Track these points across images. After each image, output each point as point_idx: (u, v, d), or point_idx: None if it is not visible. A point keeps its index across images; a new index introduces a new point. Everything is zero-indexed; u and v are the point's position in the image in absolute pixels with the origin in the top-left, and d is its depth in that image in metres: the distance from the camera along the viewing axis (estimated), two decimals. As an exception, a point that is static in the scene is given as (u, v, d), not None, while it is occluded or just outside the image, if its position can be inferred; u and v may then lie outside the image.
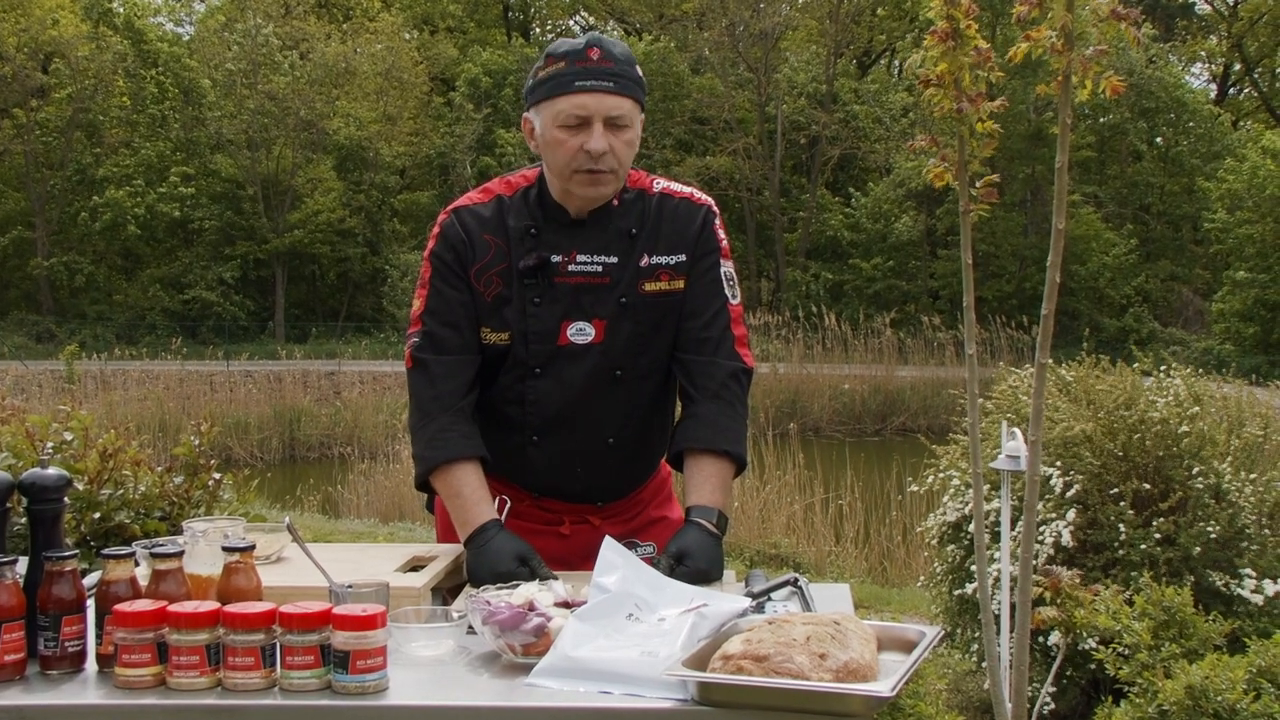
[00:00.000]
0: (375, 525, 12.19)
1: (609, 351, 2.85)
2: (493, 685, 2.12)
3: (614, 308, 2.84)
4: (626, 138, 2.77)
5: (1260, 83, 46.00)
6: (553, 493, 2.98)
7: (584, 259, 2.83)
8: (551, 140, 2.77)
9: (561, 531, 2.96)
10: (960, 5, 2.90)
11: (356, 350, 33.02)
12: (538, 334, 2.83)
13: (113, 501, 3.99)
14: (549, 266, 2.82)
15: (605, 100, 2.73)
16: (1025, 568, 3.14)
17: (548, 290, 2.82)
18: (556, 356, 2.84)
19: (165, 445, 16.23)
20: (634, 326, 2.85)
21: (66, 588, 2.15)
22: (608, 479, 2.99)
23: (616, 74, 2.74)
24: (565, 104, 2.73)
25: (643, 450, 3.02)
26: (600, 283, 2.83)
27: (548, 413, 2.88)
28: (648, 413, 2.97)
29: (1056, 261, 2.97)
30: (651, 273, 2.86)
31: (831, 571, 9.53)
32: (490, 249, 2.84)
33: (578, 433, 2.90)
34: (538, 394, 2.87)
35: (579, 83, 2.72)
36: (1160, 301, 36.06)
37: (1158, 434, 5.45)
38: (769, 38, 38.82)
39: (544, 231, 2.84)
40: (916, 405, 25.17)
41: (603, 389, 2.87)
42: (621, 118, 2.75)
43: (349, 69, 39.25)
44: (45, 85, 37.69)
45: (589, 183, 2.76)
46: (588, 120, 2.73)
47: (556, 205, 2.85)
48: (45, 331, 35.53)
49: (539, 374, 2.86)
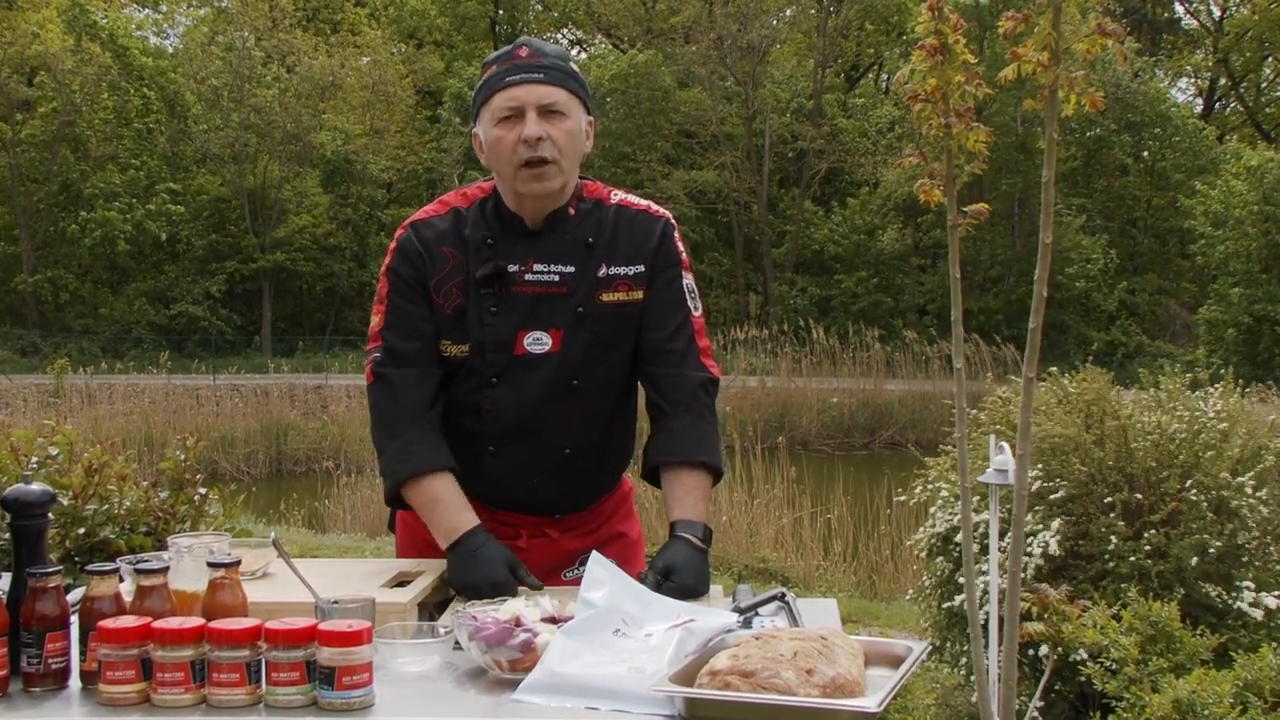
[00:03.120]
0: (362, 540, 12.15)
1: (566, 362, 2.84)
2: (479, 701, 2.11)
3: (571, 317, 2.83)
4: (565, 126, 2.78)
5: (1246, 97, 46.25)
6: (509, 505, 2.96)
7: (540, 268, 2.83)
8: (492, 140, 2.80)
9: (519, 545, 2.92)
10: (949, 20, 2.91)
11: (343, 364, 32.91)
12: (494, 343, 2.83)
13: (98, 517, 3.98)
14: (505, 276, 2.82)
15: (535, 90, 2.76)
16: (1014, 581, 3.13)
17: (504, 300, 2.82)
18: (513, 366, 2.84)
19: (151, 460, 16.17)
20: (591, 337, 2.85)
21: (50, 604, 2.13)
22: (565, 490, 2.97)
23: (547, 67, 2.79)
24: (498, 99, 2.78)
25: (602, 461, 3.01)
26: (557, 292, 2.83)
27: (504, 422, 2.87)
28: (606, 424, 2.96)
29: (1044, 276, 2.97)
30: (609, 283, 2.86)
31: (819, 586, 9.53)
32: (449, 261, 2.84)
33: (535, 443, 2.89)
34: (494, 404, 2.86)
35: (509, 78, 2.78)
36: (1148, 315, 36.18)
37: (1154, 443, 5.46)
38: (757, 52, 38.92)
39: (501, 242, 2.84)
40: (905, 419, 25.20)
41: (560, 399, 2.86)
42: (555, 104, 2.77)
43: (335, 82, 39.26)
44: (30, 99, 37.59)
45: (532, 177, 2.77)
46: (520, 110, 2.76)
47: (513, 215, 2.85)
48: (30, 345, 35.41)
49: (495, 383, 2.85)
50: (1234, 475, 5.45)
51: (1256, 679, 3.46)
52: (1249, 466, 5.54)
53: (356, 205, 39.64)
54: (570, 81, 2.81)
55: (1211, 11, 45.76)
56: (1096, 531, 5.31)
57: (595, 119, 2.93)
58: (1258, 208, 29.31)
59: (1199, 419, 5.59)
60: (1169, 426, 5.49)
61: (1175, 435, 5.46)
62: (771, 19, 40.13)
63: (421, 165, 41.07)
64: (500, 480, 2.93)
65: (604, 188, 2.97)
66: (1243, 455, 5.61)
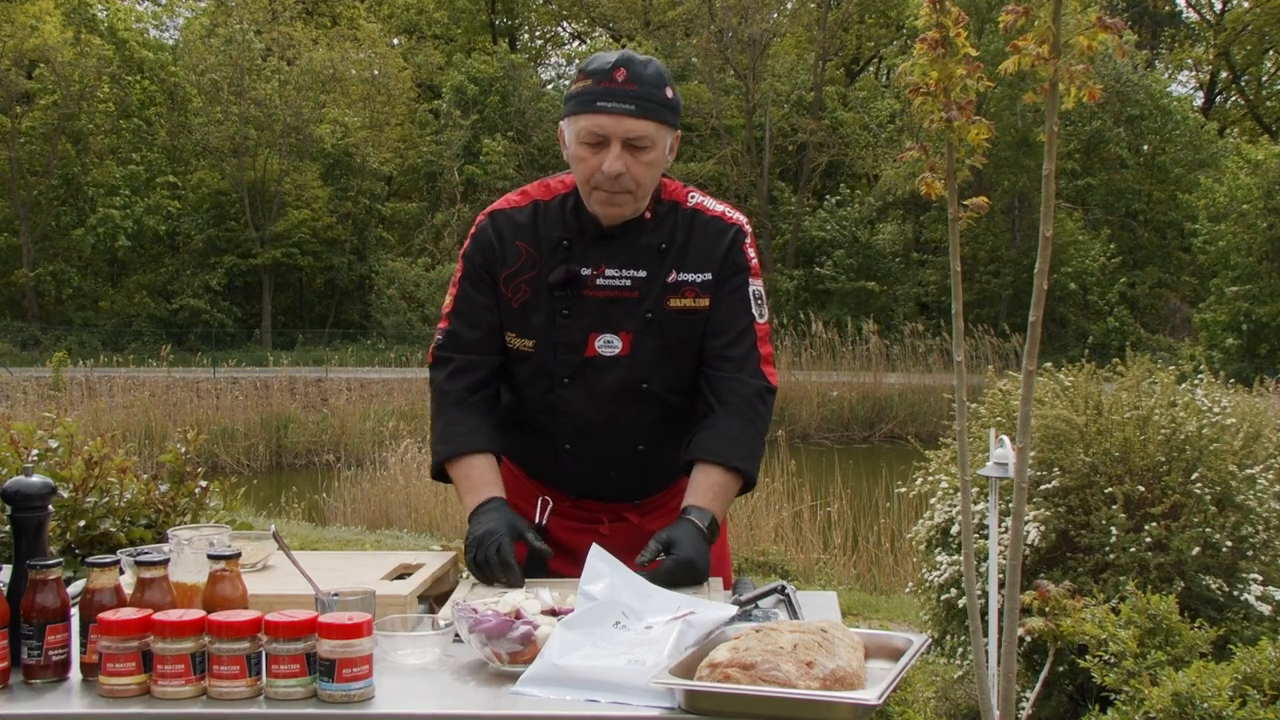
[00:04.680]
0: (362, 533, 12.16)
1: (635, 365, 2.88)
2: (479, 694, 2.11)
3: (640, 322, 2.86)
4: (647, 159, 2.78)
5: (1246, 90, 46.22)
6: (589, 495, 3.02)
7: (613, 273, 2.86)
8: (574, 156, 2.82)
9: (600, 530, 2.97)
10: (950, 14, 2.91)
11: (344, 357, 32.95)
12: (565, 345, 2.87)
13: (98, 509, 3.98)
14: (578, 280, 2.85)
15: (624, 123, 2.74)
16: (1013, 574, 3.14)
17: (576, 303, 2.86)
18: (585, 368, 2.88)
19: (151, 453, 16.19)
20: (659, 341, 2.88)
21: (50, 596, 2.13)
22: (641, 482, 3.02)
23: (640, 96, 2.75)
24: (586, 122, 2.77)
25: (675, 455, 3.00)
26: (628, 296, 2.86)
27: (578, 422, 2.91)
28: (678, 421, 2.98)
29: (1044, 269, 2.98)
30: (677, 289, 2.88)
31: (819, 579, 9.53)
32: (521, 256, 2.89)
33: (608, 441, 2.93)
34: (567, 404, 2.90)
35: (600, 103, 2.75)
36: (1147, 308, 36.17)
37: (1165, 438, 5.46)
38: (757, 45, 38.89)
39: (575, 244, 2.87)
40: (904, 412, 25.20)
41: (632, 400, 2.90)
42: (641, 139, 2.76)
43: (335, 75, 39.22)
44: (30, 91, 37.55)
45: (605, 202, 2.80)
46: (605, 141, 2.76)
47: (590, 216, 2.88)
48: (30, 338, 35.41)
49: (567, 384, 2.89)
50: (1240, 468, 5.45)
51: (1255, 672, 3.46)
52: (1255, 459, 5.55)
53: (356, 199, 39.63)
54: (661, 111, 2.79)
55: (1212, 5, 45.74)
56: (1097, 523, 5.31)
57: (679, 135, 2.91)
58: (1263, 203, 29.29)
59: (1205, 414, 5.60)
60: (1185, 424, 5.49)
61: (1184, 428, 5.46)
62: (772, 12, 40.09)
63: (421, 158, 41.03)
64: (578, 475, 2.98)
65: (682, 188, 2.97)
66: (1246, 448, 5.62)
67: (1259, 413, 6.05)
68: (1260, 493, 5.41)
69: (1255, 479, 5.45)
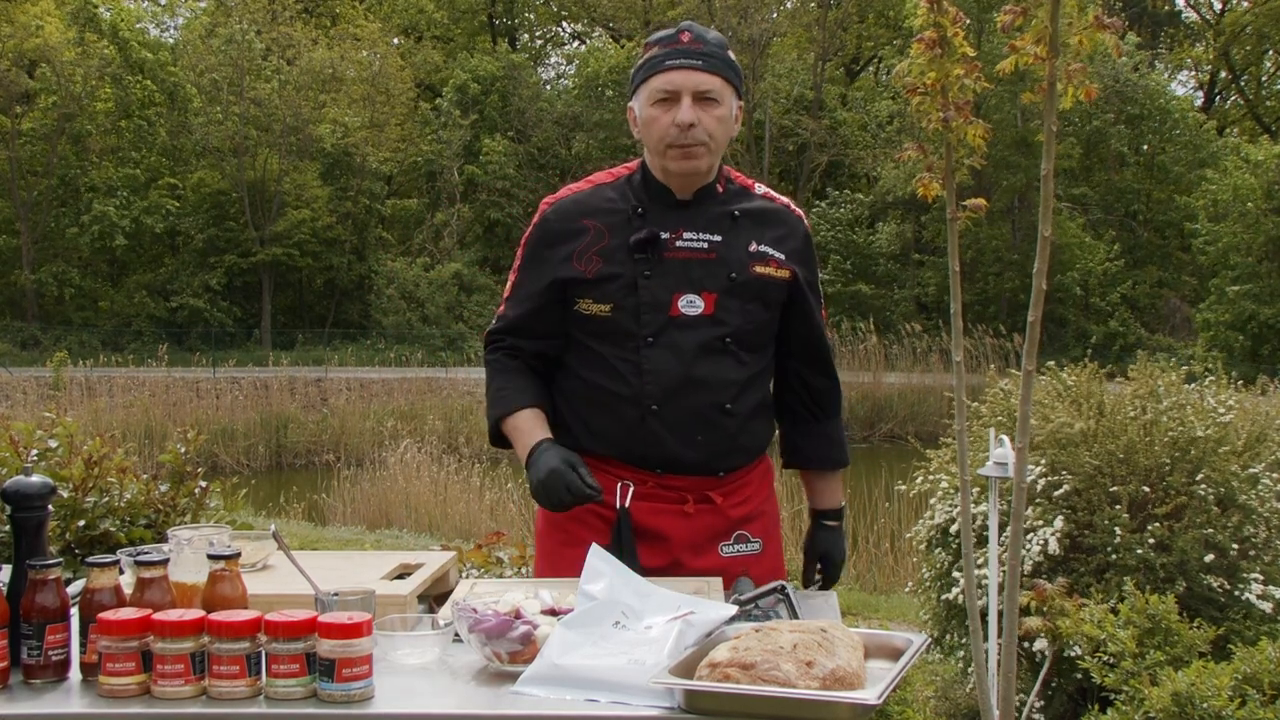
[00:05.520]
0: (362, 533, 12.16)
1: (718, 323, 2.94)
2: (479, 693, 2.11)
3: (723, 282, 2.94)
4: (717, 113, 2.90)
5: (1246, 90, 46.22)
6: (675, 467, 2.98)
7: (690, 235, 2.95)
8: (646, 119, 2.92)
9: (685, 510, 2.97)
10: (947, 13, 2.91)
11: (343, 357, 32.94)
12: (649, 305, 2.92)
13: (98, 509, 3.99)
14: (659, 242, 2.92)
15: (693, 76, 2.88)
16: (1013, 574, 3.14)
17: (658, 264, 2.92)
18: (668, 326, 2.93)
19: (151, 453, 16.18)
20: (741, 303, 2.95)
21: (50, 596, 2.14)
22: (727, 446, 3.02)
23: (706, 54, 2.90)
24: (657, 81, 2.90)
25: (756, 419, 3.07)
26: (707, 258, 2.94)
27: (666, 380, 2.93)
28: (760, 381, 3.07)
29: (1043, 269, 2.98)
30: (762, 258, 2.98)
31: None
32: (589, 232, 2.96)
33: (695, 399, 2.95)
34: (653, 363, 2.93)
35: (669, 62, 2.90)
36: (1147, 308, 36.17)
37: (1172, 439, 5.46)
38: (757, 45, 38.87)
39: (650, 211, 2.96)
40: (904, 412, 25.21)
41: (716, 357, 2.95)
42: (710, 92, 2.88)
43: (335, 75, 39.20)
44: (31, 91, 37.53)
45: (681, 156, 2.89)
46: (676, 95, 2.88)
47: (661, 187, 2.97)
48: (30, 338, 35.39)
49: (651, 343, 2.93)
50: (1242, 468, 5.46)
51: (1255, 671, 3.46)
52: (1260, 459, 5.55)
53: (356, 198, 39.59)
54: (726, 70, 2.92)
55: (1212, 5, 45.74)
56: (1100, 524, 5.31)
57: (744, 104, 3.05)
58: (1264, 203, 29.29)
59: (1209, 414, 5.61)
60: (1194, 428, 5.49)
61: (1193, 431, 5.46)
62: (771, 12, 40.07)
63: (421, 158, 41.02)
64: (664, 439, 2.96)
65: (748, 179, 3.11)
66: (1249, 447, 5.62)
67: (1262, 413, 6.06)
68: (1262, 492, 5.42)
69: (1258, 478, 5.45)
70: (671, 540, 2.91)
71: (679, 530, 2.93)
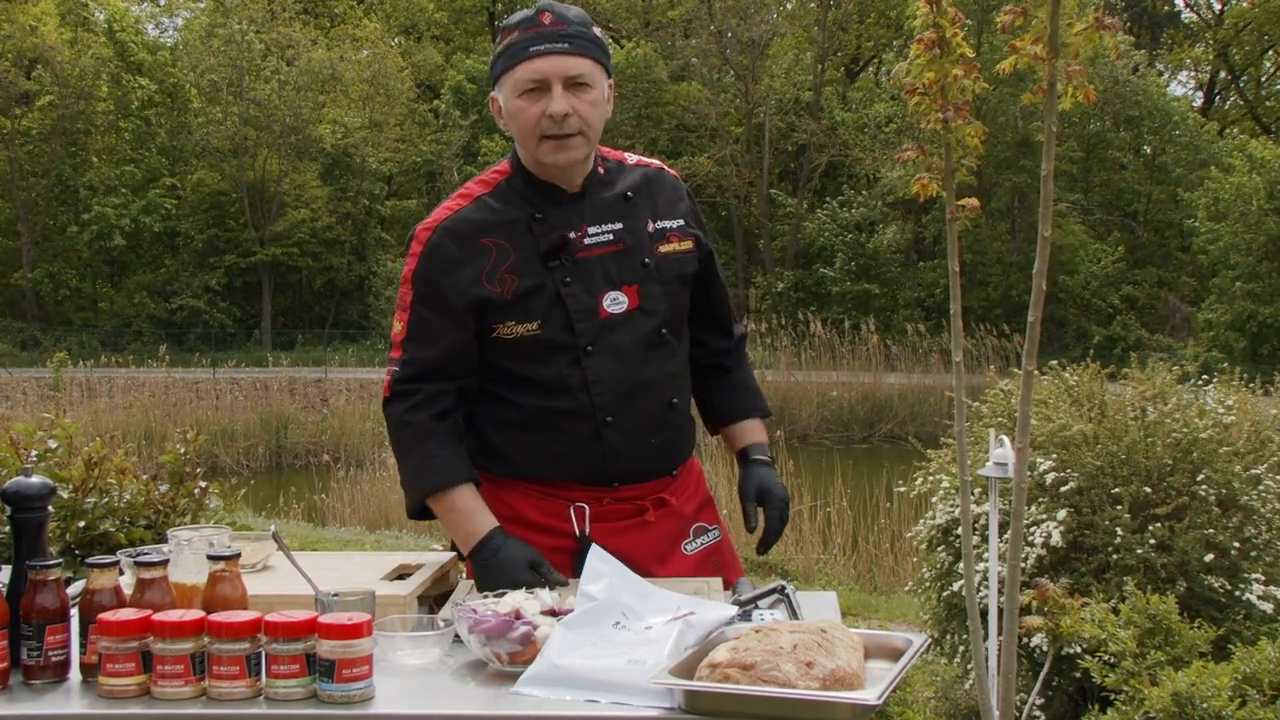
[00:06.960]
0: (362, 533, 12.15)
1: (647, 314, 2.85)
2: (479, 694, 2.11)
3: (639, 271, 2.84)
4: (590, 98, 2.74)
5: (1246, 90, 46.21)
6: (630, 477, 2.87)
7: (594, 230, 2.81)
8: (514, 111, 2.74)
9: (646, 519, 2.88)
10: (947, 14, 2.91)
11: (343, 357, 32.96)
12: (579, 313, 2.77)
13: (98, 510, 3.99)
14: (569, 244, 2.78)
15: (561, 61, 2.70)
16: (1013, 574, 3.14)
17: (574, 268, 2.78)
18: (603, 330, 2.80)
19: (151, 453, 16.18)
20: (661, 287, 2.87)
21: (50, 597, 2.13)
22: (677, 444, 2.96)
23: (571, 35, 2.72)
24: (522, 71, 2.71)
25: (689, 406, 3.04)
26: (617, 249, 2.83)
27: (615, 388, 2.80)
28: (686, 369, 3.01)
29: (1043, 269, 2.98)
30: (662, 235, 2.90)
31: (819, 579, 9.53)
32: (491, 250, 2.76)
33: (645, 401, 2.85)
34: (598, 372, 2.79)
35: (533, 48, 2.71)
36: (1147, 308, 36.16)
37: (1175, 441, 5.46)
38: (756, 45, 38.87)
39: (547, 215, 2.80)
40: (904, 412, 25.18)
41: (656, 352, 2.86)
42: (581, 77, 2.72)
43: (335, 75, 39.20)
44: (29, 91, 37.53)
45: (556, 148, 2.73)
46: (545, 84, 2.70)
47: (548, 185, 2.81)
48: (30, 339, 35.41)
49: (591, 352, 2.79)
50: (1244, 469, 5.46)
51: (1255, 671, 3.46)
52: (1261, 459, 5.55)
53: (356, 199, 39.62)
54: (594, 49, 2.76)
55: (1211, 5, 45.74)
56: (1101, 524, 5.31)
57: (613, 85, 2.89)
58: (1266, 203, 29.27)
59: (1210, 414, 5.61)
60: (1198, 430, 5.49)
61: (1196, 433, 5.46)
62: (771, 12, 40.07)
63: (421, 158, 41.03)
64: (619, 450, 2.83)
65: (614, 150, 2.99)
66: (1252, 449, 5.62)
67: (1263, 414, 6.06)
68: (1263, 493, 5.41)
69: (1260, 479, 5.45)
70: (634, 557, 2.67)
71: (640, 544, 2.82)
